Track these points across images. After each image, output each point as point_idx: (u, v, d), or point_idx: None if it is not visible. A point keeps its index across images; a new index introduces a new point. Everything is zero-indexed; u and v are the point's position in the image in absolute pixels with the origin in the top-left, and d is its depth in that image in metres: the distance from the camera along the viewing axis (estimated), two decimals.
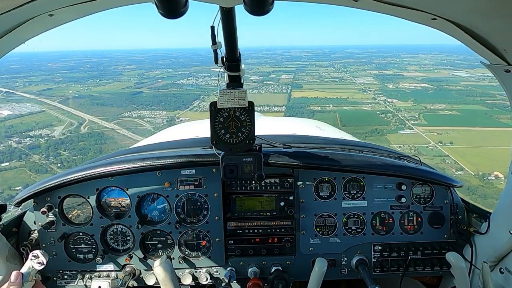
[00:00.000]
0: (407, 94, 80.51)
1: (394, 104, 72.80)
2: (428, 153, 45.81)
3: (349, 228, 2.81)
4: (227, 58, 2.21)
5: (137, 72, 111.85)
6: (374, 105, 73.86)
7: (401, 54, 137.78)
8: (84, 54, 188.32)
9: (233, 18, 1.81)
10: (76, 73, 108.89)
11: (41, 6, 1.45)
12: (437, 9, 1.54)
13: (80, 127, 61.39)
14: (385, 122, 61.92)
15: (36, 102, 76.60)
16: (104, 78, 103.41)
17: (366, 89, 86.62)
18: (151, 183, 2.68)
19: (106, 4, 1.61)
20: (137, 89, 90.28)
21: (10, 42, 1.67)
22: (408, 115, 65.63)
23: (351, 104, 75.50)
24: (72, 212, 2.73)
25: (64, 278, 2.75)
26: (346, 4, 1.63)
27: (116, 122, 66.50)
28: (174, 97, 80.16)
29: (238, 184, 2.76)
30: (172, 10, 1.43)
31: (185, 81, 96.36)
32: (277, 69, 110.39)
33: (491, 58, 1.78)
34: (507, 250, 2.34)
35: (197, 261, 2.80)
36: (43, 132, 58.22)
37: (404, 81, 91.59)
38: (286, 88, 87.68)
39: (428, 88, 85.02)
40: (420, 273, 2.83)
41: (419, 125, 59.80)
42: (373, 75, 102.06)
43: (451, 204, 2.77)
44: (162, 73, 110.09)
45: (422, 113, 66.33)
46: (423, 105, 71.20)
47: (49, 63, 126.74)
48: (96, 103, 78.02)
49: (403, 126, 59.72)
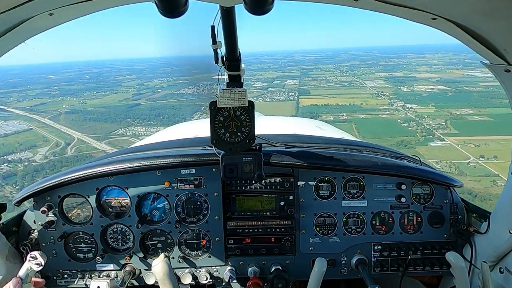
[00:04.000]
0: (425, 98, 74.12)
1: (414, 110, 66.08)
2: (471, 172, 38.77)
3: (349, 228, 2.81)
4: (227, 58, 2.21)
5: (137, 82, 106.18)
6: (392, 112, 67.39)
7: (406, 54, 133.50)
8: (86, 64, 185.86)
9: (233, 17, 1.82)
10: (73, 86, 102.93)
11: (41, 5, 1.46)
12: (438, 9, 1.55)
13: (67, 148, 55.99)
14: (410, 132, 55.01)
15: (25, 119, 71.90)
16: (102, 90, 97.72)
17: (379, 94, 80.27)
18: (151, 182, 2.68)
19: (106, 3, 1.62)
20: (135, 101, 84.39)
21: (11, 41, 1.68)
22: (433, 122, 58.67)
23: (367, 111, 69.03)
24: (72, 211, 2.73)
25: (64, 277, 2.76)
26: (346, 4, 1.64)
27: (107, 142, 60.52)
28: (173, 109, 74.34)
29: (238, 183, 2.75)
30: (172, 10, 1.44)
31: (186, 91, 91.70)
32: (281, 75, 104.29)
33: (491, 58, 1.79)
34: (507, 249, 2.33)
35: (197, 260, 2.80)
36: (24, 156, 52.20)
37: (418, 83, 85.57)
38: (293, 95, 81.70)
39: (446, 90, 78.15)
40: (420, 273, 2.84)
41: (449, 135, 52.96)
42: (383, 77, 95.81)
43: (451, 204, 2.77)
44: (162, 83, 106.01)
45: (449, 119, 59.62)
46: (446, 110, 64.23)
47: (49, 75, 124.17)
48: (89, 118, 72.66)
49: (432, 137, 52.96)
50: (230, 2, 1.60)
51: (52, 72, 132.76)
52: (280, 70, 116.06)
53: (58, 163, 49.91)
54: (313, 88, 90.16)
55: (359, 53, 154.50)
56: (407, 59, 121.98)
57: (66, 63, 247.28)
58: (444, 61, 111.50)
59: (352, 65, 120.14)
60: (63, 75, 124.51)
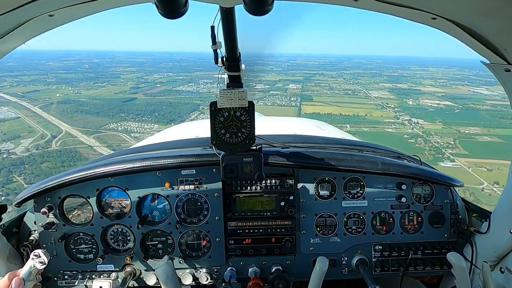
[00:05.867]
0: (432, 113, 71.79)
1: (421, 125, 63.73)
2: (487, 200, 35.45)
3: (349, 228, 2.82)
4: (227, 58, 2.21)
5: (136, 76, 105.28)
6: (398, 126, 64.79)
7: (410, 66, 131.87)
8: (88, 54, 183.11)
9: (233, 18, 1.82)
10: (71, 74, 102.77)
11: (41, 6, 1.46)
12: (438, 8, 1.55)
13: (52, 142, 52.59)
14: (418, 149, 50.95)
15: (15, 105, 68.94)
16: (99, 80, 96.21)
17: (384, 105, 78.11)
18: (151, 183, 2.68)
19: (106, 4, 1.62)
20: (131, 95, 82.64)
21: (10, 42, 1.68)
22: (442, 141, 56.13)
23: (371, 124, 66.48)
24: (73, 212, 2.74)
25: (65, 278, 2.76)
26: (346, 4, 1.64)
27: (96, 136, 57.71)
28: (170, 106, 72.58)
29: (238, 184, 2.75)
30: (172, 10, 1.44)
31: (185, 88, 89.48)
32: (283, 78, 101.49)
33: (491, 58, 1.78)
34: (507, 249, 2.34)
35: (197, 261, 2.80)
36: (5, 147, 48.70)
37: (423, 97, 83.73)
38: (295, 100, 79.28)
39: (452, 106, 76.14)
40: (421, 273, 2.84)
41: (459, 156, 50.28)
42: (387, 88, 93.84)
43: (451, 204, 2.78)
44: (161, 78, 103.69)
45: (458, 138, 56.99)
46: (454, 127, 61.70)
47: (49, 62, 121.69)
48: (80, 110, 70.17)
49: (441, 156, 50.22)
50: (230, 2, 1.60)
51: (53, 59, 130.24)
52: (283, 73, 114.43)
53: (39, 158, 46.63)
54: (316, 94, 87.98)
55: (363, 62, 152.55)
56: (411, 71, 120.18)
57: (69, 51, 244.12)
58: (448, 76, 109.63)
59: (355, 73, 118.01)
60: (63, 62, 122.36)
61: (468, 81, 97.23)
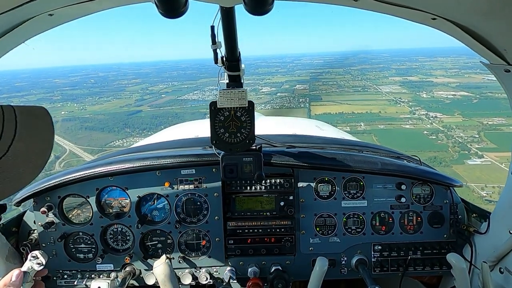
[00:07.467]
0: (449, 105, 66.41)
1: (440, 119, 58.43)
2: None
3: (349, 228, 2.81)
4: (227, 58, 2.21)
5: (141, 87, 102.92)
6: (416, 122, 59.79)
7: (417, 58, 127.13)
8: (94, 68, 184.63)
9: (233, 18, 1.82)
10: (77, 90, 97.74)
11: (41, 5, 1.47)
12: (437, 9, 1.55)
13: (55, 163, 51.12)
14: (441, 146, 47.53)
15: None
16: (104, 95, 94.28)
17: (397, 100, 72.59)
18: (151, 183, 2.67)
19: (106, 3, 1.62)
20: (136, 107, 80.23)
21: (10, 42, 1.68)
22: (465, 135, 50.88)
23: (386, 120, 61.36)
24: (72, 212, 2.73)
25: (64, 277, 2.75)
26: (346, 4, 1.64)
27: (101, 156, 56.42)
28: (175, 117, 69.99)
29: (238, 184, 2.74)
30: (172, 10, 1.45)
31: (191, 96, 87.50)
32: (290, 79, 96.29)
33: (491, 58, 1.78)
34: (507, 249, 2.33)
35: (197, 260, 2.79)
36: None
37: (436, 88, 77.64)
38: (304, 101, 75.96)
39: (470, 97, 70.13)
40: (420, 273, 2.83)
41: (488, 150, 44.71)
42: (398, 82, 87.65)
43: (450, 204, 2.76)
44: (167, 88, 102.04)
45: (482, 131, 51.69)
46: (476, 119, 56.27)
47: (55, 79, 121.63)
48: (85, 126, 68.08)
49: (467, 153, 45.37)
50: (230, 2, 1.61)
51: (58, 76, 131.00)
52: (288, 74, 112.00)
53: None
54: (324, 93, 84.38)
55: (368, 56, 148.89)
56: (419, 62, 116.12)
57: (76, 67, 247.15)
58: (459, 65, 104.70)
59: (363, 68, 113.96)
60: (69, 79, 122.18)
61: (480, 68, 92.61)
